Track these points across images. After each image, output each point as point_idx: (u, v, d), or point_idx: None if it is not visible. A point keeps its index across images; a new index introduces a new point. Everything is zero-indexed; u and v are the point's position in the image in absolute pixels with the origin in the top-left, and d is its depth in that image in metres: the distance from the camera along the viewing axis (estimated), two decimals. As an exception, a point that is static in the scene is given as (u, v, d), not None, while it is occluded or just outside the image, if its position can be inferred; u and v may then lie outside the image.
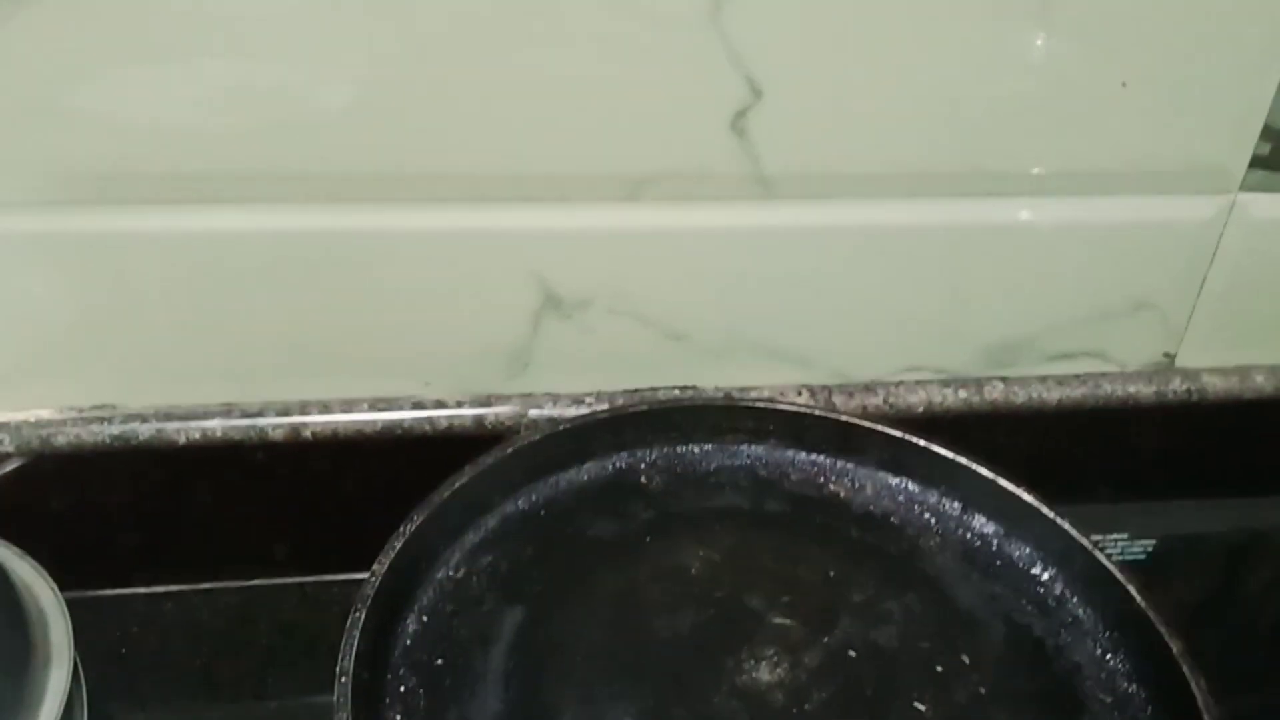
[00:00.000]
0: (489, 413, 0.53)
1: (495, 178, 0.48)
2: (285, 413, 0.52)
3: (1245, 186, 0.54)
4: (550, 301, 0.52)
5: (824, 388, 0.56)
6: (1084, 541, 0.44)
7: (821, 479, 0.48)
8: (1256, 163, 0.53)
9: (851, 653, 0.41)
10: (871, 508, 0.47)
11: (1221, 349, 0.59)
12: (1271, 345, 0.60)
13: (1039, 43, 0.48)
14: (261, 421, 0.51)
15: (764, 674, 0.40)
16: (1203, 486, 0.61)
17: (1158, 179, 0.53)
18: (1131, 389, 0.58)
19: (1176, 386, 0.59)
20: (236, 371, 0.51)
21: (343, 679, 0.35)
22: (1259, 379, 0.60)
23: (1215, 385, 0.59)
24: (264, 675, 0.52)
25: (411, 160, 0.47)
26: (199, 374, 0.51)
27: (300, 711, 0.50)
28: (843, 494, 0.48)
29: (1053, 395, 0.58)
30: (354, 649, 0.36)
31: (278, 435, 0.51)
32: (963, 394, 0.57)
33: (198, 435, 0.51)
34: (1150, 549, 0.56)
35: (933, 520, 0.47)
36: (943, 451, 0.47)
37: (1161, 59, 0.49)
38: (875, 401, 0.56)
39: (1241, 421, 0.60)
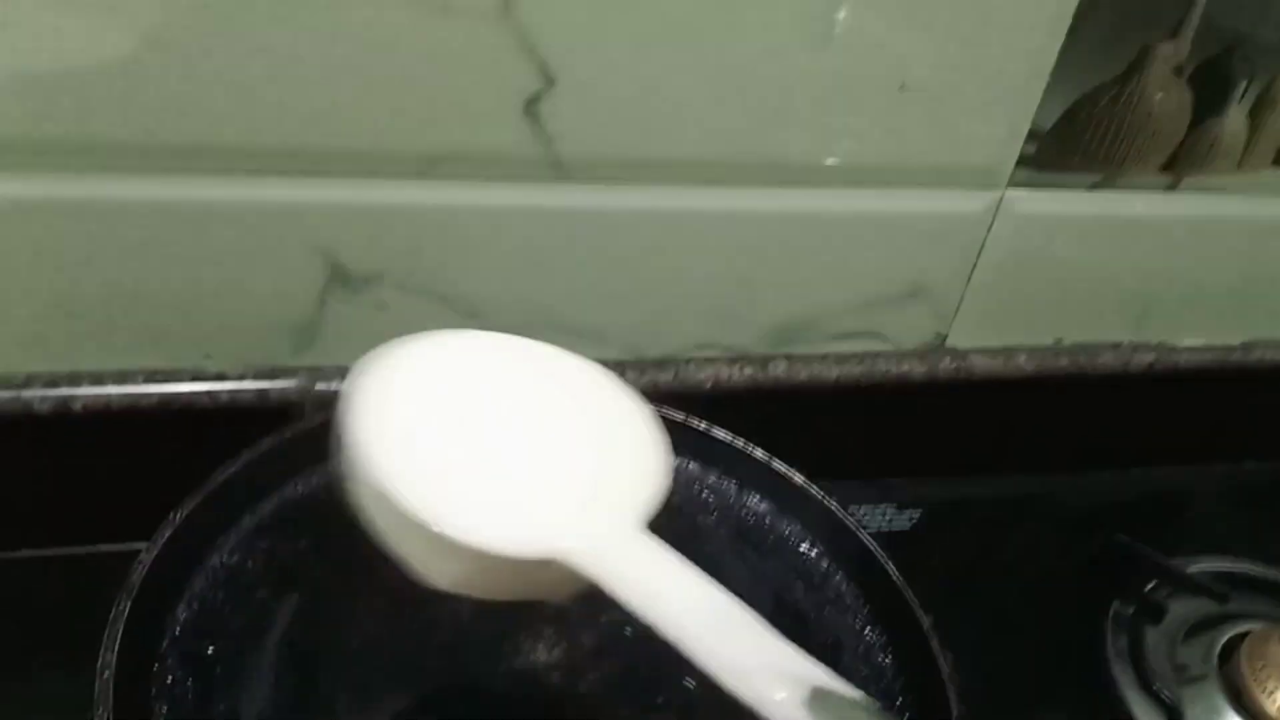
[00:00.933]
0: (273, 386, 0.52)
1: (281, 151, 0.47)
2: (53, 384, 0.49)
3: (1012, 183, 0.58)
4: (337, 276, 0.51)
5: (618, 364, 0.57)
6: (848, 521, 0.46)
7: (607, 460, 0.49)
8: (1023, 161, 0.57)
9: (627, 631, 0.42)
10: (653, 488, 0.48)
11: (989, 332, 0.63)
12: (1034, 329, 0.65)
13: (826, 45, 0.49)
14: (27, 393, 0.49)
15: (541, 655, 0.41)
16: (968, 460, 0.65)
17: (934, 174, 0.56)
18: (905, 367, 0.62)
19: (946, 365, 0.63)
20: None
21: (104, 674, 0.34)
22: (1021, 359, 0.64)
23: (981, 364, 0.63)
24: (37, 651, 0.49)
25: (192, 130, 0.45)
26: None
27: (75, 690, 0.48)
28: (626, 475, 0.49)
29: (832, 373, 0.60)
30: (116, 643, 0.35)
31: (44, 408, 0.49)
32: (749, 371, 0.59)
33: (-45, 408, 0.48)
34: (915, 518, 0.59)
35: (711, 499, 0.49)
36: (721, 434, 0.48)
37: (938, 65, 0.52)
38: (666, 378, 0.58)
39: (1005, 399, 0.65)
